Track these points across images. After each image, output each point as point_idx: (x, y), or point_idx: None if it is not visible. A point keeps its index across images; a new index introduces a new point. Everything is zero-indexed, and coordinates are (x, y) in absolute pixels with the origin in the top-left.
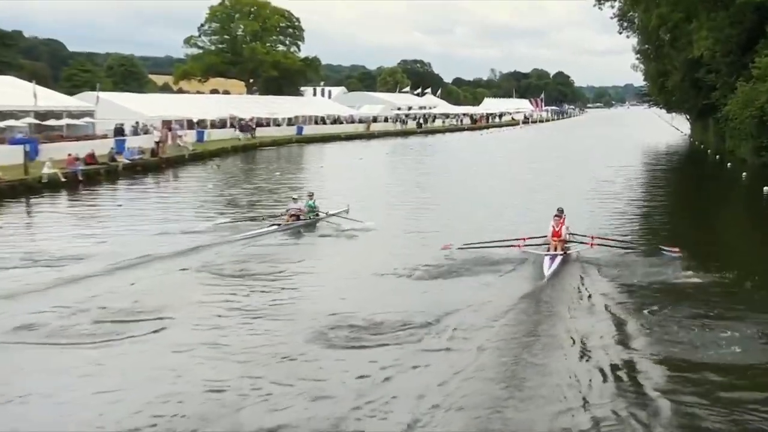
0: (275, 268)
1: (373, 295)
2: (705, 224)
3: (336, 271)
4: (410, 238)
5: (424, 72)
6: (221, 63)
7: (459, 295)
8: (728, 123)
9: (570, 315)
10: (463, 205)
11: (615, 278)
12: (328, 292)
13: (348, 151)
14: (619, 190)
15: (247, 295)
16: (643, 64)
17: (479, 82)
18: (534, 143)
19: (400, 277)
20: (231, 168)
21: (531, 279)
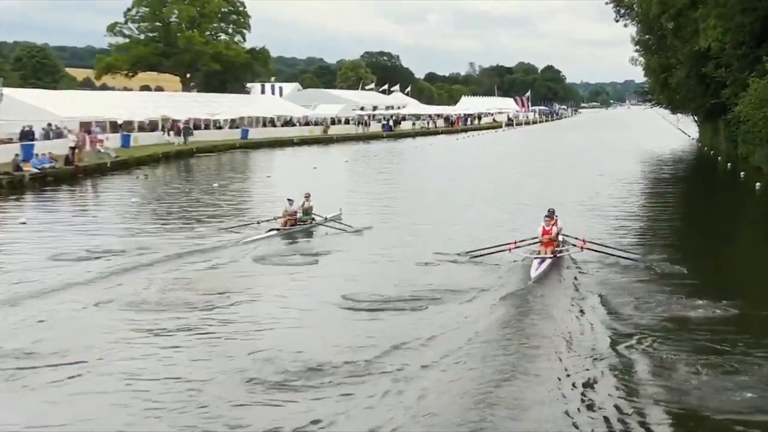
0: (226, 290)
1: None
2: (711, 243)
3: (291, 297)
4: (371, 260)
5: (392, 66)
6: (152, 54)
7: (439, 301)
8: (740, 125)
9: (552, 318)
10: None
11: (603, 283)
12: (285, 322)
13: (301, 159)
14: (615, 203)
15: (178, 327)
16: (644, 57)
17: (456, 78)
18: (519, 149)
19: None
20: (161, 179)
21: (517, 281)
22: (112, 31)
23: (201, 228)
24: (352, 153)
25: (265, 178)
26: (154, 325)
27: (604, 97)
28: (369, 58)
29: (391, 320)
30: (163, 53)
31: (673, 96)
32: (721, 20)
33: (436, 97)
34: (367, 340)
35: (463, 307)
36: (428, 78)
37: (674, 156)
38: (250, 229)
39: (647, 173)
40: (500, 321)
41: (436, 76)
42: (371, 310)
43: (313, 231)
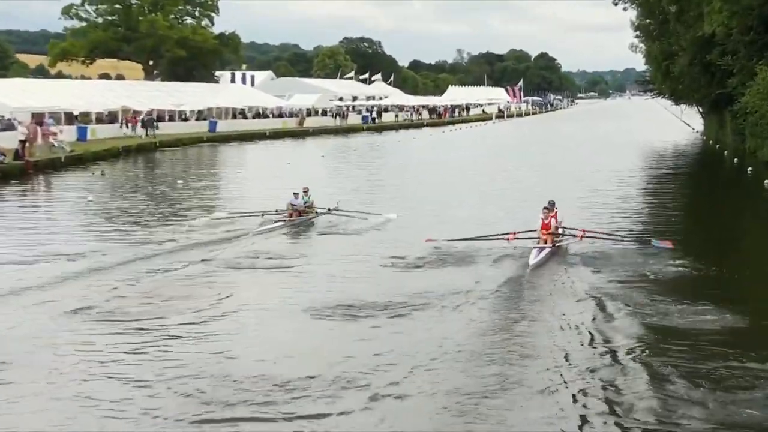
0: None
1: None
2: (715, 243)
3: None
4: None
5: (373, 53)
6: (111, 40)
7: (435, 285)
8: (747, 117)
9: (547, 304)
10: None
11: (601, 270)
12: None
13: (274, 153)
14: (612, 201)
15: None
16: (644, 43)
17: (442, 66)
18: (510, 142)
19: None
20: (120, 175)
21: (516, 269)
22: (67, 13)
23: (160, 229)
24: (330, 147)
25: (234, 174)
26: (107, 335)
27: (603, 86)
28: (348, 45)
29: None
30: (124, 38)
31: (675, 85)
32: (727, 3)
33: (421, 87)
34: (382, 316)
35: (462, 292)
36: (412, 66)
37: (677, 150)
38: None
39: (647, 169)
40: (497, 306)
41: (421, 64)
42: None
43: (315, 221)
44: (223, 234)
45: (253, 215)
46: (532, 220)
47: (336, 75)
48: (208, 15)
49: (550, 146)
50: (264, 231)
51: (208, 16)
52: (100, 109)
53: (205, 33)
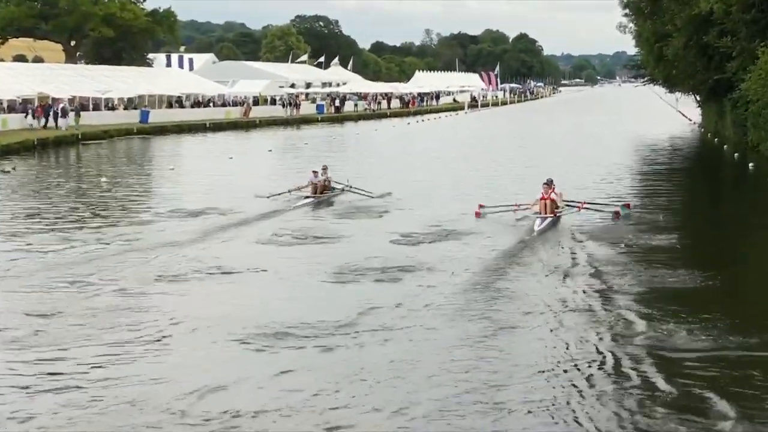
0: None
1: None
2: (711, 248)
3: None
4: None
5: (330, 34)
6: (26, 16)
7: (451, 247)
8: (749, 107)
9: (550, 262)
10: None
11: (598, 236)
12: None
13: (214, 147)
14: (600, 201)
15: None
16: (634, 23)
17: (409, 49)
18: (483, 135)
19: None
20: (33, 172)
21: (522, 234)
22: None
23: (76, 233)
24: (279, 140)
25: (167, 170)
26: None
27: (590, 72)
28: (301, 24)
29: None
30: (41, 15)
31: (669, 71)
32: None
33: (385, 72)
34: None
35: (474, 249)
36: (375, 49)
37: (670, 144)
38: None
39: (637, 166)
40: (506, 261)
41: (384, 47)
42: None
43: (338, 198)
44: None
45: (282, 193)
46: None
47: (287, 59)
48: None
49: (528, 140)
50: (300, 206)
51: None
52: (13, 96)
53: (136, 9)
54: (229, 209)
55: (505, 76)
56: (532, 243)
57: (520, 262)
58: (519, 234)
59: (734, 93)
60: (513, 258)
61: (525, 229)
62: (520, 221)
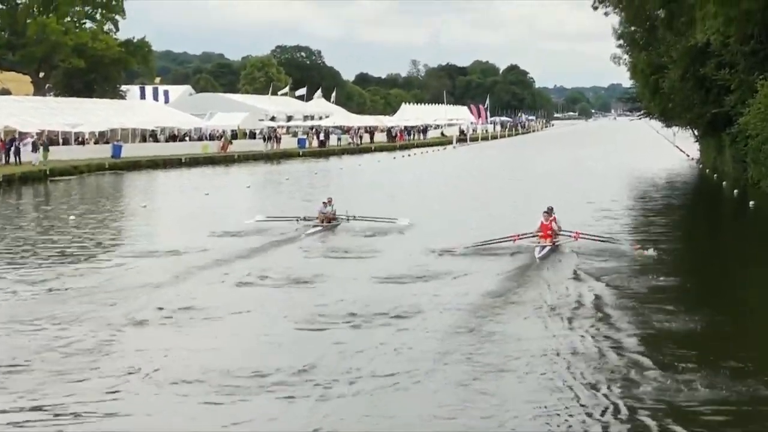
0: None
1: None
2: (712, 294)
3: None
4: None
5: (312, 64)
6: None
7: (459, 272)
8: (749, 141)
9: (553, 285)
10: None
11: (595, 263)
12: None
13: (190, 183)
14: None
15: None
16: (629, 54)
17: (395, 81)
18: (472, 171)
19: None
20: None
21: (525, 260)
22: None
23: (41, 273)
24: (258, 176)
25: (139, 208)
26: None
27: (584, 105)
28: (282, 55)
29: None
30: (8, 45)
31: (665, 104)
32: (724, 7)
33: (369, 105)
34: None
35: (482, 274)
36: (359, 80)
37: (667, 181)
38: None
39: (634, 202)
40: (514, 283)
41: (369, 78)
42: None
43: (346, 226)
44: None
45: (290, 219)
46: None
47: (267, 90)
48: (112, 18)
49: (520, 176)
50: (311, 233)
51: (111, 19)
52: None
53: (109, 39)
54: (202, 248)
55: (495, 109)
56: (535, 270)
57: (518, 299)
58: (521, 261)
59: (733, 127)
60: (514, 289)
61: (526, 256)
62: (520, 249)
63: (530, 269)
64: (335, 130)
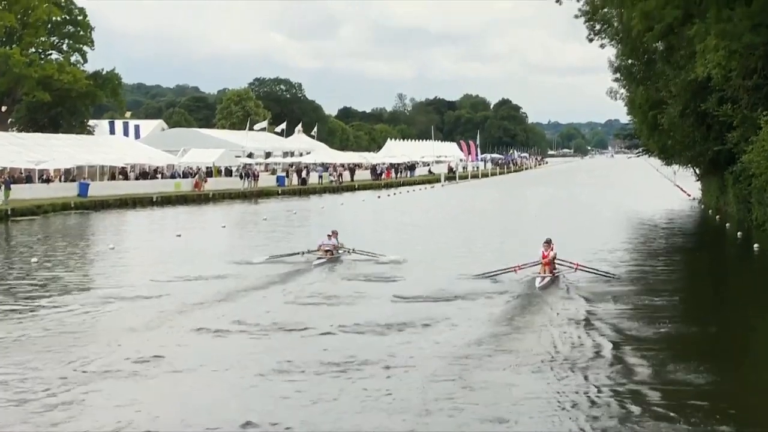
0: None
1: None
2: (714, 345)
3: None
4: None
5: (292, 98)
6: None
7: (464, 298)
8: (752, 181)
9: (552, 313)
10: None
11: (592, 294)
12: None
13: (161, 223)
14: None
15: None
16: (626, 88)
17: (380, 115)
18: (459, 212)
19: None
20: None
21: (526, 289)
22: None
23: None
24: (234, 215)
25: (107, 249)
26: None
27: (580, 141)
28: (260, 88)
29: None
30: None
31: (665, 141)
32: (725, 40)
33: (353, 141)
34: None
35: (485, 302)
36: (342, 115)
37: (668, 223)
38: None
39: (633, 245)
40: (514, 312)
41: (352, 113)
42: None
43: (350, 259)
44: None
45: (295, 254)
46: None
47: (245, 125)
48: (80, 49)
49: (512, 217)
50: (318, 264)
51: (79, 50)
52: None
53: (76, 72)
54: (170, 293)
55: (485, 145)
56: (534, 301)
57: (519, 335)
58: (521, 290)
59: (736, 166)
60: (516, 316)
61: (526, 286)
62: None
63: (531, 299)
64: (317, 168)
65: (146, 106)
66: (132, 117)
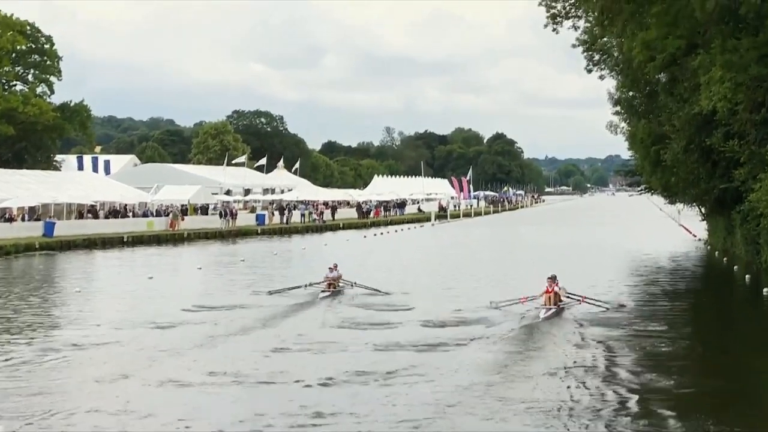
0: None
1: None
2: (721, 395)
3: None
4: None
5: (273, 132)
6: None
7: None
8: (761, 221)
9: (554, 344)
10: None
11: (594, 324)
12: None
13: (132, 265)
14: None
15: None
16: (627, 122)
17: (366, 150)
18: (451, 253)
19: None
20: None
21: (530, 319)
22: None
23: None
24: (211, 256)
25: (72, 293)
26: None
27: (579, 178)
28: (239, 120)
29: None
30: None
31: (668, 178)
32: (731, 71)
33: (338, 177)
34: None
35: (490, 329)
36: (326, 149)
37: (673, 264)
38: None
39: (636, 289)
40: (517, 338)
41: (337, 147)
42: None
43: (350, 291)
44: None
45: (298, 287)
46: None
47: (222, 160)
48: (46, 80)
49: (507, 260)
50: (323, 297)
51: (45, 80)
52: None
53: (42, 104)
54: (137, 338)
55: (478, 182)
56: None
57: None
58: (524, 322)
59: (743, 204)
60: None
61: (530, 317)
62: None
63: (533, 330)
64: (299, 206)
65: (117, 141)
66: (102, 152)
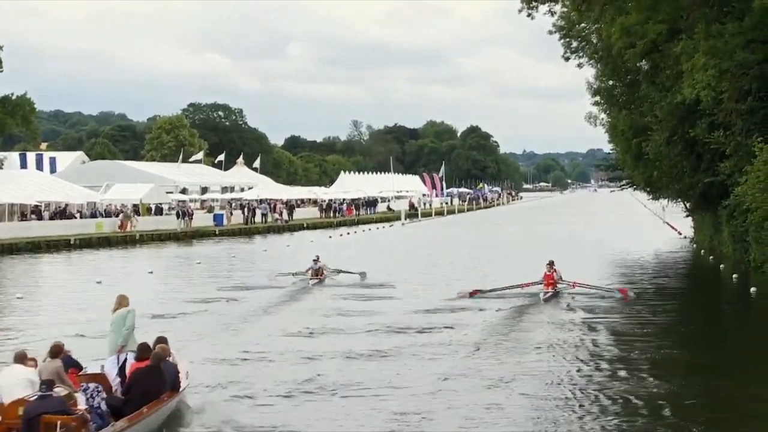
0: None
1: None
2: (710, 400)
3: None
4: None
5: (232, 126)
6: None
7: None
8: (749, 216)
9: (553, 320)
10: None
11: (589, 307)
12: None
13: (79, 269)
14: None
15: None
16: (607, 113)
17: (332, 145)
18: (422, 254)
19: None
20: None
21: (532, 301)
22: None
23: None
24: (164, 259)
25: (14, 299)
26: None
27: (558, 174)
28: (196, 114)
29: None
30: None
31: (650, 172)
32: (715, 58)
33: (302, 174)
34: None
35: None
36: (289, 144)
37: (658, 264)
38: None
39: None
40: (523, 317)
41: (301, 142)
42: None
43: (336, 278)
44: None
45: (284, 275)
46: None
47: (177, 157)
48: None
49: (484, 261)
50: (314, 284)
51: None
52: None
53: None
54: (82, 347)
55: (452, 178)
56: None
57: None
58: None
59: (729, 199)
60: None
61: (533, 299)
62: None
63: (536, 308)
64: (261, 205)
65: (64, 137)
66: (48, 149)
